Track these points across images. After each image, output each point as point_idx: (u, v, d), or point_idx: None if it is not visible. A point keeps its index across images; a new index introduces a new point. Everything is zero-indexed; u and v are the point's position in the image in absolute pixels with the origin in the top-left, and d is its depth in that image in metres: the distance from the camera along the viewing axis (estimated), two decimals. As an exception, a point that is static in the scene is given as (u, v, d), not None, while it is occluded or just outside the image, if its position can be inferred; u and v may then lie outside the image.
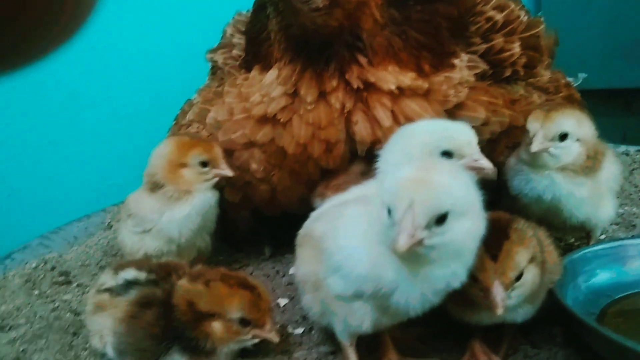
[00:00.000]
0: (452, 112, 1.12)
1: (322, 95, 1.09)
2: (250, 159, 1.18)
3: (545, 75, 1.38)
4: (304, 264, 0.96)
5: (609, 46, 2.79)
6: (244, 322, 0.96)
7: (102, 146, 1.95)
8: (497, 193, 1.11)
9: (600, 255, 1.08)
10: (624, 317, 0.99)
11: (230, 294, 0.95)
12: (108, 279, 1.04)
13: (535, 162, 1.07)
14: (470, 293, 0.87)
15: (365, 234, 0.82)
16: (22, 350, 1.07)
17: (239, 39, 1.42)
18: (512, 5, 1.31)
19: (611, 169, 1.13)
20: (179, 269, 1.03)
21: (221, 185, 1.24)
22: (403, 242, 0.71)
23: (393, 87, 1.08)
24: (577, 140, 1.06)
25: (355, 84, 1.08)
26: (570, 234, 1.27)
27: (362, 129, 1.10)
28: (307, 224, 0.99)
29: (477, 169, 0.94)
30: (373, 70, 1.09)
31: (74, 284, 1.36)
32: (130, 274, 1.03)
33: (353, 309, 0.85)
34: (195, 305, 0.94)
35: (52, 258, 1.49)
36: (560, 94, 1.39)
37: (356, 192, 0.95)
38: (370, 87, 1.09)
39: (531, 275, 0.87)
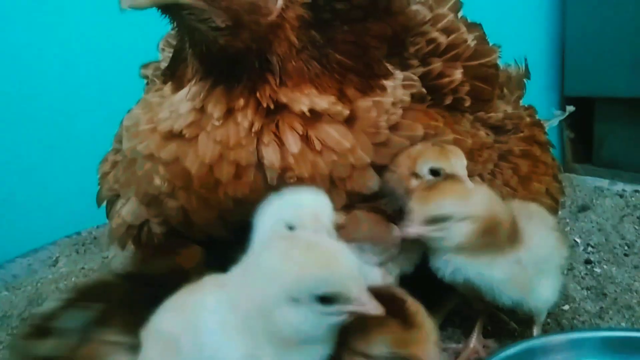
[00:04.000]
0: (387, 135, 1.03)
1: (230, 112, 1.01)
2: (153, 173, 1.08)
3: (501, 110, 1.23)
4: None
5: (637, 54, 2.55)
6: None
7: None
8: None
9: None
10: None
11: None
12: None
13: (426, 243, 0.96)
14: None
15: (233, 326, 0.73)
16: None
17: (169, 53, 1.33)
18: (462, 29, 1.18)
19: (542, 244, 0.98)
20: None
21: None
22: None
23: (305, 109, 0.99)
24: (464, 219, 0.92)
25: (265, 102, 0.99)
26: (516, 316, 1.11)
27: (270, 153, 0.99)
28: (153, 317, 0.83)
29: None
30: (286, 91, 1.00)
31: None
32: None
33: None
34: None
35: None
36: (520, 134, 1.24)
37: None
38: (282, 108, 1.00)
39: None
